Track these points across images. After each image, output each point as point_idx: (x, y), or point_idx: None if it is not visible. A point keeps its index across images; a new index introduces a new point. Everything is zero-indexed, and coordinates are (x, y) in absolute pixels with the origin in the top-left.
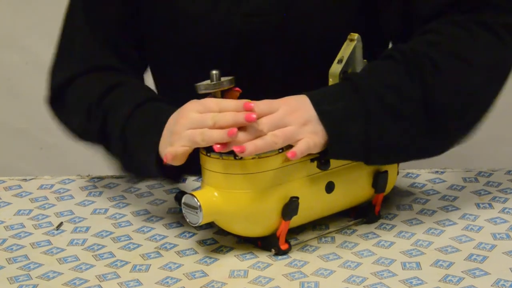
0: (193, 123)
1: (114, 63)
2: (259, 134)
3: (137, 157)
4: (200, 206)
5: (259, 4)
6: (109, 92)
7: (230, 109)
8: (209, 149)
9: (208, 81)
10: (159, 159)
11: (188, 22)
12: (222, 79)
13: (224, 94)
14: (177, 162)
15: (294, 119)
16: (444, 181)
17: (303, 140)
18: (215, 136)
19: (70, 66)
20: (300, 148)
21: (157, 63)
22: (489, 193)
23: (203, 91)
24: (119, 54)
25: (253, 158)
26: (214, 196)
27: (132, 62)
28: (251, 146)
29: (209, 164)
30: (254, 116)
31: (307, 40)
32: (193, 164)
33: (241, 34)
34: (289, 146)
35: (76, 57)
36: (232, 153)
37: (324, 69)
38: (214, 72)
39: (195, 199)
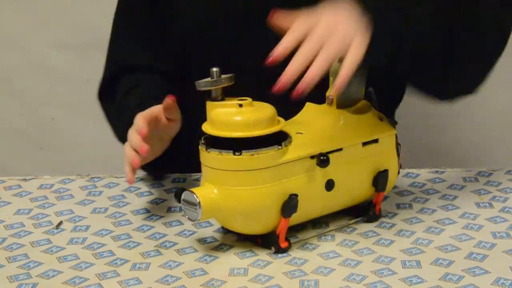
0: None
1: (148, 61)
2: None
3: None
4: (199, 202)
5: None
6: (132, 89)
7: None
8: (208, 146)
9: (208, 79)
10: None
11: (191, 7)
12: (222, 76)
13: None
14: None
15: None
16: (444, 180)
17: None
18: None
19: (111, 65)
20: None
21: (180, 61)
22: (489, 192)
23: (203, 88)
24: (153, 51)
25: (252, 155)
26: (213, 193)
27: (170, 62)
28: (305, 81)
29: (209, 160)
30: (145, 148)
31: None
32: (173, 163)
33: (245, 12)
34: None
35: (116, 57)
36: (231, 149)
37: None
38: (214, 69)
39: (194, 195)
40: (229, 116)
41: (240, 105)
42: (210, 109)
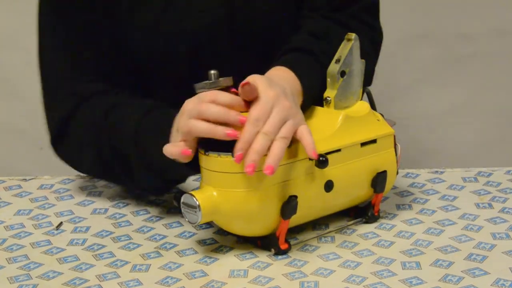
0: (189, 116)
1: (103, 87)
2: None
3: (154, 159)
4: (199, 205)
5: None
6: (114, 108)
7: (225, 103)
8: (207, 148)
9: (206, 81)
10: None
11: (144, 31)
12: (220, 78)
13: None
14: (185, 159)
15: (286, 110)
16: (443, 181)
17: (302, 129)
18: (201, 127)
19: (62, 106)
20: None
21: (132, 77)
22: (489, 193)
23: (201, 91)
24: (107, 78)
25: None
26: (213, 195)
27: (121, 84)
28: (272, 160)
29: (208, 163)
30: (245, 119)
31: (256, 25)
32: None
33: (196, 31)
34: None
35: (67, 92)
36: (230, 151)
37: (275, 52)
38: (212, 72)
39: (194, 198)
40: None
41: None
42: None
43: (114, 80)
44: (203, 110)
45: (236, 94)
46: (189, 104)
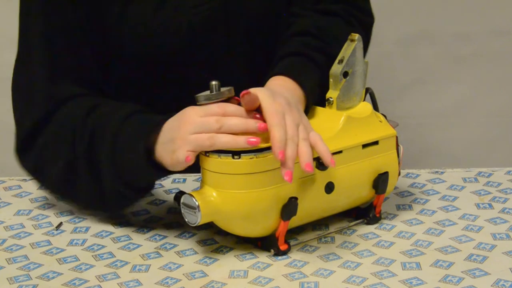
0: (197, 128)
1: (82, 91)
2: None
3: (128, 164)
4: (198, 206)
5: None
6: (91, 112)
7: (235, 114)
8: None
9: (207, 92)
10: (153, 164)
11: (138, 28)
12: (222, 89)
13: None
14: (183, 167)
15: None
16: (444, 181)
17: (314, 135)
18: (225, 140)
19: (36, 109)
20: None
21: (120, 79)
22: (489, 193)
23: (203, 102)
24: (83, 81)
25: (251, 158)
26: (212, 196)
27: (96, 86)
28: (308, 158)
29: (208, 164)
30: (263, 125)
31: (251, 19)
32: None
33: (192, 26)
34: None
35: (40, 97)
36: (230, 152)
37: (271, 46)
38: (213, 82)
39: (194, 199)
40: None
41: None
42: None
43: (95, 87)
44: (224, 123)
45: (238, 102)
46: (195, 117)
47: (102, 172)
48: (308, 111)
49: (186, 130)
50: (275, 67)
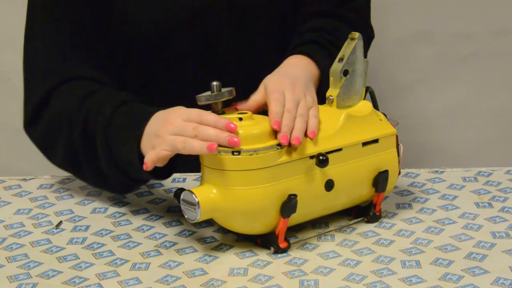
0: (176, 130)
1: (86, 71)
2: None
3: (120, 155)
4: (198, 202)
5: None
6: (87, 97)
7: (210, 123)
8: None
9: (208, 92)
10: (142, 157)
11: (141, 8)
12: (223, 89)
13: (223, 106)
14: (159, 165)
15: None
16: (443, 180)
17: (311, 112)
18: (196, 147)
19: (42, 85)
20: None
21: (125, 62)
22: (489, 192)
23: (204, 103)
24: (90, 60)
25: (251, 155)
26: (212, 193)
27: (102, 66)
28: (299, 133)
29: (208, 161)
30: (236, 140)
31: (254, 7)
32: (178, 163)
33: (194, 9)
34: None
35: (46, 74)
36: (230, 150)
37: (272, 37)
38: (214, 83)
39: (193, 195)
40: None
41: (240, 119)
42: None
43: (101, 69)
44: (200, 132)
45: (237, 110)
46: (178, 119)
47: (99, 159)
48: (326, 89)
49: (167, 130)
50: (292, 50)
